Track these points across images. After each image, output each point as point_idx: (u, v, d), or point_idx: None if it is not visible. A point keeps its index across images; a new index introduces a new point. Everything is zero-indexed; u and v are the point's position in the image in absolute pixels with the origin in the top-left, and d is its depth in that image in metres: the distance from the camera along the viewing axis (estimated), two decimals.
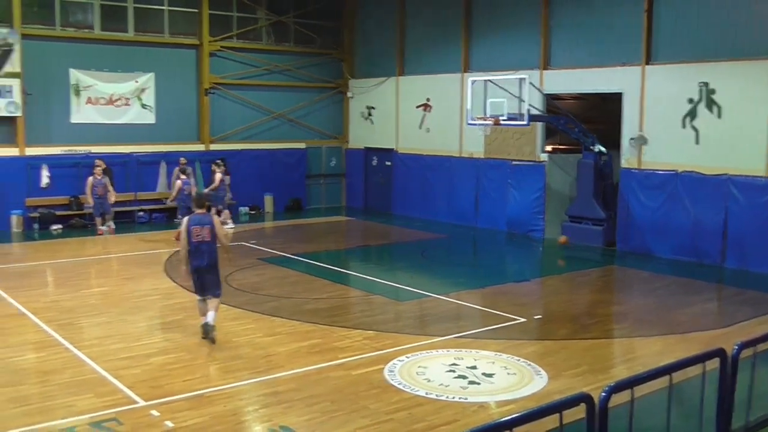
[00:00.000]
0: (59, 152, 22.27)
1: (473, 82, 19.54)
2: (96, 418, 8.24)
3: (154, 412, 8.45)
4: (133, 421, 8.18)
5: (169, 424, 8.13)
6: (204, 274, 11.19)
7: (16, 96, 21.32)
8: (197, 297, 11.48)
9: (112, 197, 20.93)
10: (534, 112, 19.00)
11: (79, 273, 16.34)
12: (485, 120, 18.79)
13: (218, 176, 22.06)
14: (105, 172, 21.04)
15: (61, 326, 11.93)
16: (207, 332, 11.11)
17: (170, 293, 14.37)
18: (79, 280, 15.71)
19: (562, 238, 19.76)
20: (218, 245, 11.29)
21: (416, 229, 22.66)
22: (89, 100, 22.86)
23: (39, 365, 10.23)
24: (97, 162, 21.14)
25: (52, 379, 9.56)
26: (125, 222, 22.55)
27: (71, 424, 8.09)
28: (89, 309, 13.19)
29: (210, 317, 11.14)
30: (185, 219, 11.35)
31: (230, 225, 22.17)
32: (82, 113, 22.77)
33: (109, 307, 13.33)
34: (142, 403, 8.75)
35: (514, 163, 21.56)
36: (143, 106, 23.83)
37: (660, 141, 18.30)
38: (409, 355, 10.50)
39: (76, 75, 22.59)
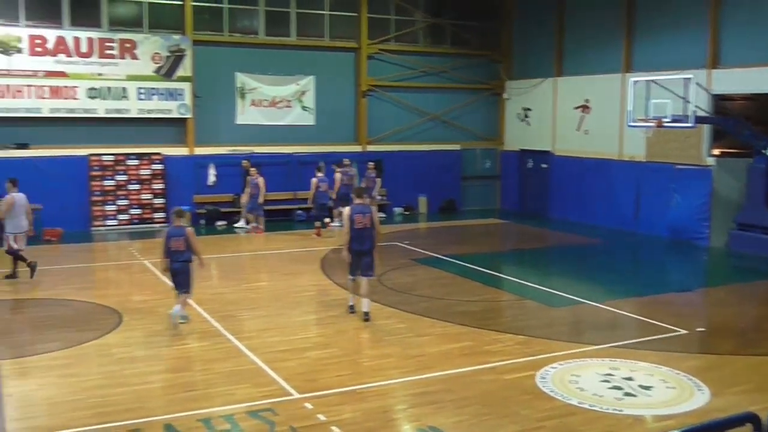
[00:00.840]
0: (225, 152, 23.36)
1: (635, 82, 18.88)
2: (253, 408, 8.57)
3: (308, 405, 8.68)
4: (288, 413, 8.44)
5: (322, 417, 8.32)
6: (363, 256, 12.39)
7: (187, 98, 22.56)
8: (349, 277, 12.70)
9: (261, 198, 21.38)
10: (700, 113, 18.13)
11: (240, 268, 17.07)
12: (647, 122, 18.11)
13: (338, 176, 21.98)
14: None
15: (224, 318, 12.50)
16: (363, 317, 12.37)
17: (326, 290, 14.74)
18: (241, 274, 16.41)
19: None
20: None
21: (572, 233, 22.16)
22: (253, 103, 23.86)
23: (202, 354, 10.77)
24: (243, 163, 22.05)
25: (213, 368, 10.04)
26: (284, 220, 23.31)
27: (230, 412, 8.45)
28: (250, 302, 13.75)
29: (365, 305, 12.43)
30: (347, 208, 12.69)
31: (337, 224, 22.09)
32: (246, 115, 23.81)
33: (268, 301, 13.84)
34: (296, 395, 9.02)
35: (677, 167, 20.65)
36: (303, 108, 24.59)
37: None
38: (561, 362, 10.26)
39: (241, 78, 23.64)
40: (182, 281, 11.90)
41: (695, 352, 11.15)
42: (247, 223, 21.90)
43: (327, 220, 21.56)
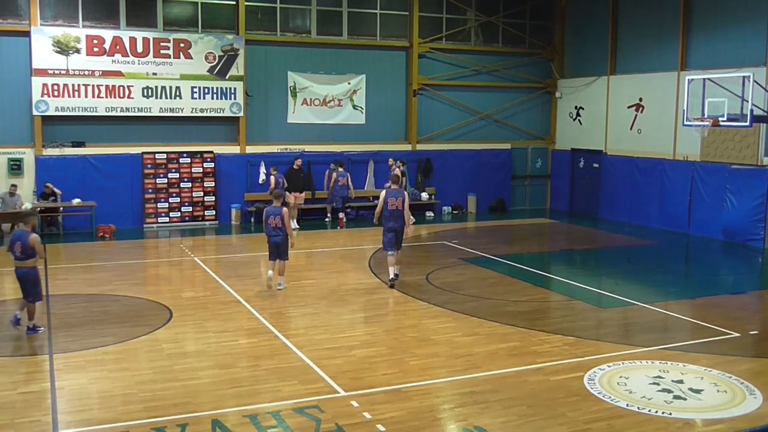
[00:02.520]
0: (276, 150, 23.56)
1: (690, 80, 18.52)
2: (299, 405, 8.64)
3: (354, 403, 8.72)
4: (334, 410, 8.49)
5: (367, 415, 8.35)
6: (396, 233, 14.63)
7: (240, 97, 22.81)
8: (388, 252, 14.74)
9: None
10: (758, 112, 17.72)
11: (289, 265, 17.12)
12: (703, 121, 17.76)
13: (333, 176, 22.80)
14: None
15: (272, 315, 12.62)
16: (393, 282, 14.67)
17: (374, 288, 14.77)
18: (290, 272, 16.44)
19: None
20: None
21: (624, 234, 21.86)
22: (305, 101, 24.01)
23: (250, 350, 10.88)
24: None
25: (261, 365, 10.14)
26: (334, 218, 23.39)
27: (277, 409, 8.53)
28: (298, 300, 13.85)
29: (396, 270, 14.81)
30: (383, 192, 14.82)
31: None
32: (297, 114, 23.97)
33: (316, 299, 13.92)
34: (342, 393, 9.07)
35: (733, 167, 20.23)
36: (354, 107, 24.67)
37: None
38: (610, 364, 10.15)
39: (293, 77, 23.81)
40: (281, 251, 14.30)
41: (748, 355, 10.87)
42: None
43: (341, 215, 22.70)
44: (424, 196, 25.11)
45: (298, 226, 21.86)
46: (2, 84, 20.70)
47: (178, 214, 22.36)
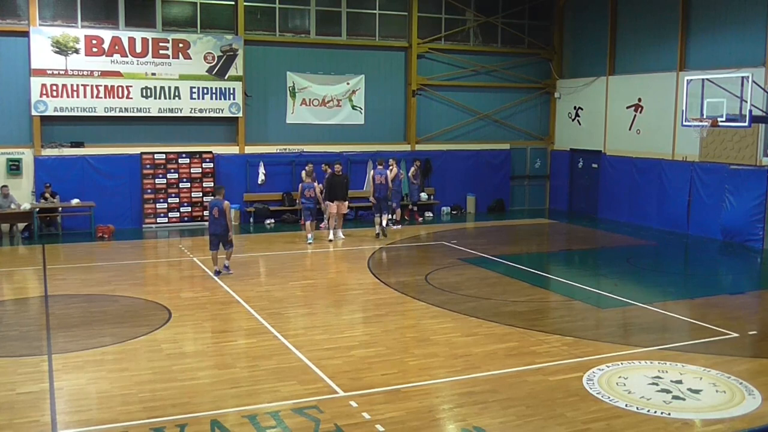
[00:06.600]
0: (275, 151, 23.57)
1: (689, 81, 18.53)
2: (298, 405, 8.64)
3: (353, 403, 8.72)
4: (333, 411, 8.49)
5: (366, 416, 8.35)
6: (381, 202, 20.19)
7: (238, 98, 22.80)
8: (375, 215, 20.44)
9: None
10: (757, 113, 17.73)
11: (288, 266, 17.17)
12: (702, 121, 17.76)
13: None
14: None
15: (271, 315, 12.62)
16: (381, 233, 20.33)
17: (373, 289, 14.77)
18: (289, 272, 16.51)
19: None
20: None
21: (623, 234, 21.86)
22: (304, 102, 24.00)
23: (249, 350, 10.88)
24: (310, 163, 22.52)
25: (260, 365, 10.14)
26: None
27: (276, 409, 8.53)
28: (297, 300, 13.86)
29: (384, 223, 20.46)
30: (371, 171, 20.48)
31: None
32: (296, 114, 23.96)
33: (315, 299, 13.94)
34: (341, 393, 9.06)
35: (732, 167, 20.23)
36: (353, 107, 24.67)
37: None
38: (609, 364, 10.15)
39: (292, 78, 23.80)
40: (313, 215, 19.35)
41: (747, 355, 10.87)
42: None
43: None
44: (423, 196, 25.10)
45: (343, 237, 20.35)
46: (1, 84, 20.68)
47: (177, 214, 22.34)
